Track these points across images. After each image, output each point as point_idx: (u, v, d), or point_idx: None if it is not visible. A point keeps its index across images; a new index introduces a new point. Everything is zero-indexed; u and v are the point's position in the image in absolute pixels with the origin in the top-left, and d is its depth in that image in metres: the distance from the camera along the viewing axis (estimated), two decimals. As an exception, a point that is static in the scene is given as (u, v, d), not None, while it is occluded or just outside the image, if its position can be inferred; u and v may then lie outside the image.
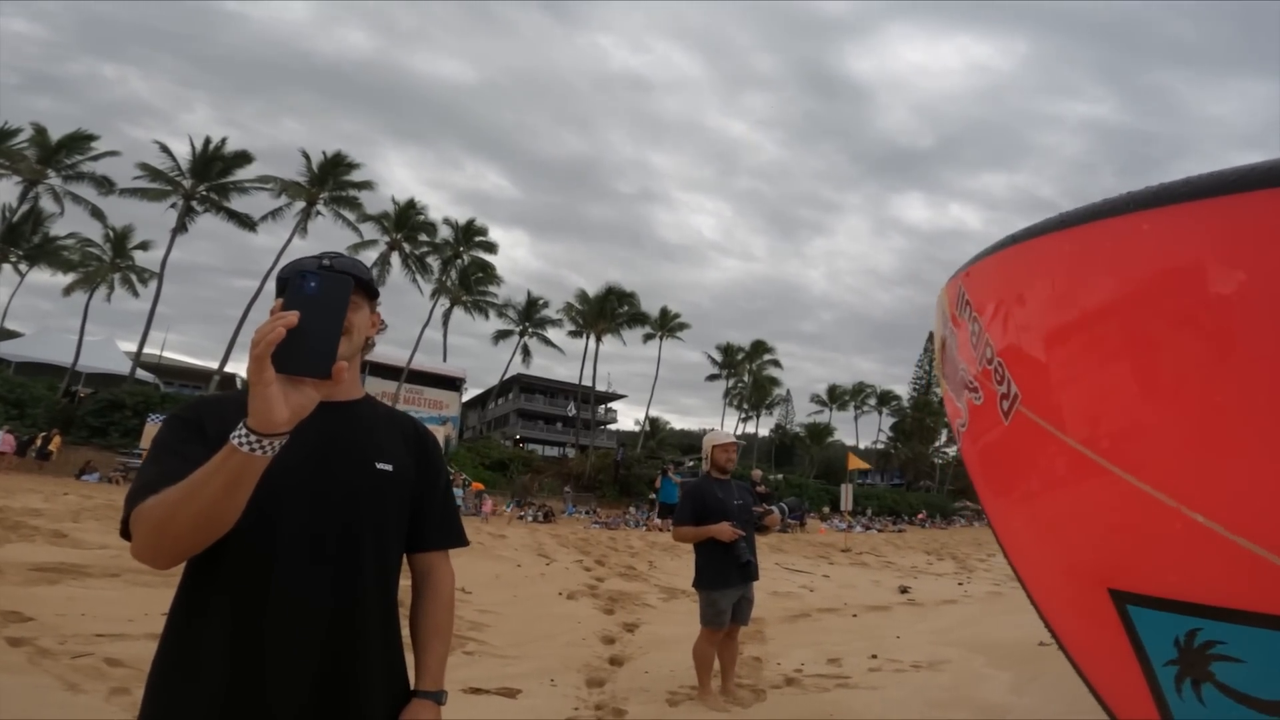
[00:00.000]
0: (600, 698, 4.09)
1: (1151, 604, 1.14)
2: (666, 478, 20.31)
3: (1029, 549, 1.68)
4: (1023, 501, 1.63)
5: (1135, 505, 1.14)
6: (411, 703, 1.33)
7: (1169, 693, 1.11)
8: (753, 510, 4.39)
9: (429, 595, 1.44)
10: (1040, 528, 1.57)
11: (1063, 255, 1.34)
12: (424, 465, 1.44)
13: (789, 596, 8.88)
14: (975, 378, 1.67)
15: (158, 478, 1.08)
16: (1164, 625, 1.12)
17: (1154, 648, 1.14)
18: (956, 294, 1.83)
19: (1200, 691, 1.06)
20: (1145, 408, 1.17)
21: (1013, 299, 1.53)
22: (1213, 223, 1.03)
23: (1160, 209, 1.10)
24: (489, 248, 36.46)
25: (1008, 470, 1.65)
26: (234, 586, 1.16)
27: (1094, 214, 1.23)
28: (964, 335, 1.75)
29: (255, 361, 0.93)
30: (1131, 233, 1.15)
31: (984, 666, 5.21)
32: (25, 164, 26.45)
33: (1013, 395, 1.46)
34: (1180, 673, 1.09)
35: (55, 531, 7.95)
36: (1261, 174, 0.95)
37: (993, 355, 1.55)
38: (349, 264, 1.32)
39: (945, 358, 2.01)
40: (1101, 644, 1.29)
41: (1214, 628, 1.04)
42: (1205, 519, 1.03)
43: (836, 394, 56.44)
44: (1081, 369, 1.30)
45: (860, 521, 30.04)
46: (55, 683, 3.35)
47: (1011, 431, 1.49)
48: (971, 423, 1.75)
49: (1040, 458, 1.42)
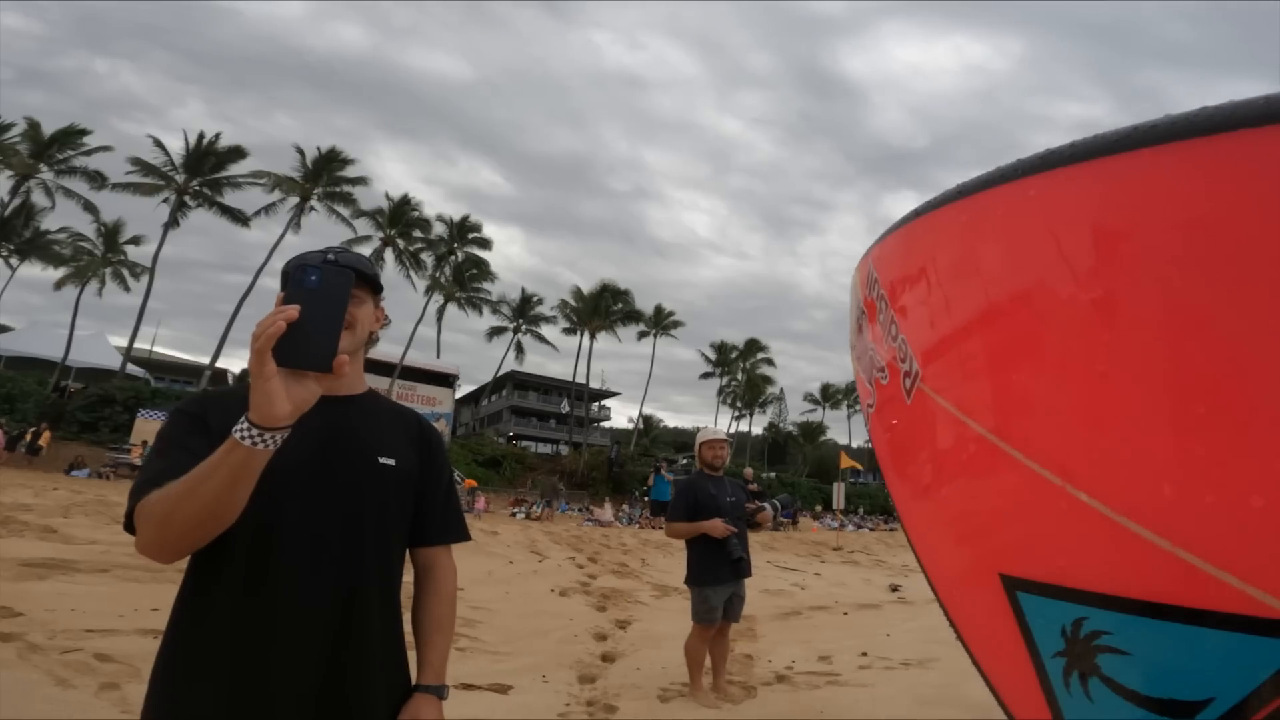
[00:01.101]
0: (592, 694, 4.10)
1: (1040, 590, 1.07)
2: (659, 475, 20.32)
3: (927, 533, 1.60)
4: (920, 482, 1.56)
5: (1023, 483, 1.07)
6: (413, 697, 1.33)
7: (1058, 687, 1.03)
8: (745, 507, 4.41)
9: (431, 590, 1.45)
10: (936, 509, 1.50)
11: (958, 225, 1.28)
12: (427, 460, 1.44)
13: (780, 594, 8.91)
14: (882, 357, 1.62)
15: (161, 471, 1.09)
16: (1052, 613, 1.04)
17: (1043, 638, 1.06)
18: (866, 273, 1.77)
19: (1087, 686, 0.98)
20: (1032, 380, 1.10)
21: (914, 274, 1.47)
22: (1095, 185, 0.98)
23: (1046, 173, 1.04)
24: (483, 244, 36.43)
25: (909, 450, 1.59)
26: (237, 580, 1.17)
27: (987, 182, 1.18)
28: (873, 315, 1.70)
29: (256, 355, 0.94)
30: (1019, 198, 1.10)
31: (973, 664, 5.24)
32: (17, 158, 26.26)
33: (914, 373, 1.41)
34: (1068, 665, 1.02)
35: (45, 527, 7.89)
36: (1142, 135, 0.91)
37: (896, 333, 1.50)
38: (353, 259, 1.33)
39: (857, 339, 1.95)
40: (995, 635, 1.21)
41: (1100, 616, 0.97)
42: (1089, 497, 0.96)
43: (830, 393, 56.56)
44: (974, 343, 1.24)
45: (852, 520, 30.13)
46: (45, 678, 3.34)
47: (913, 410, 1.43)
48: (879, 404, 1.68)
49: (937, 436, 1.36)
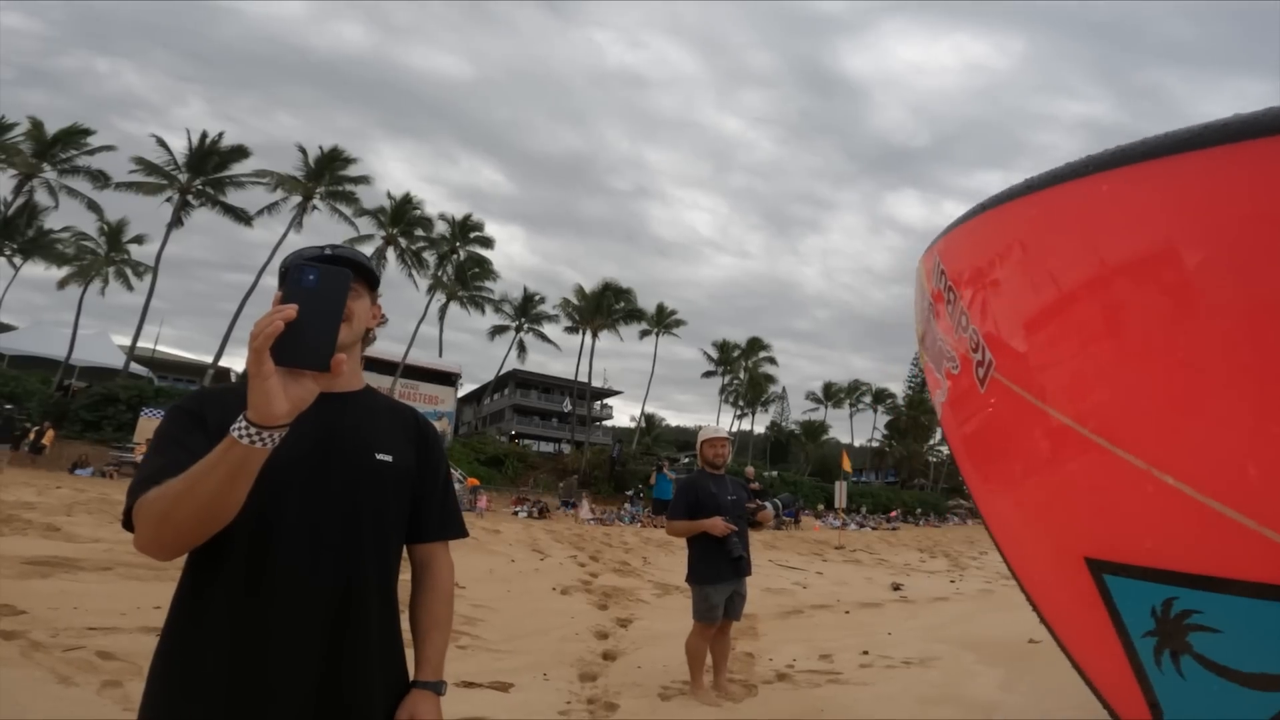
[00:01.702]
0: (593, 692, 4.10)
1: (1128, 572, 1.09)
2: (662, 474, 20.34)
3: (1008, 518, 1.63)
4: (999, 469, 1.59)
5: (1108, 469, 1.10)
6: (411, 693, 1.33)
7: (1149, 665, 1.07)
8: (746, 506, 4.41)
9: (428, 586, 1.45)
10: (1018, 495, 1.53)
11: (1029, 220, 1.32)
12: (424, 456, 1.44)
13: (782, 593, 8.90)
14: (953, 347, 1.64)
15: (160, 469, 1.09)
16: (1141, 594, 1.07)
17: (1132, 619, 1.09)
18: (933, 264, 1.81)
19: (1179, 664, 1.01)
20: (1113, 369, 1.12)
21: (984, 266, 1.51)
22: (1171, 180, 1.01)
23: (1118, 169, 1.08)
24: (485, 243, 36.42)
25: (985, 438, 1.62)
26: (235, 577, 1.17)
27: (1056, 178, 1.21)
28: (941, 305, 1.73)
29: (254, 354, 0.94)
30: (1092, 194, 1.13)
31: (974, 663, 5.24)
32: (20, 158, 26.30)
33: (988, 363, 1.44)
34: (1159, 644, 1.05)
35: (48, 525, 7.92)
36: (1215, 132, 0.93)
37: (967, 323, 1.53)
38: (349, 253, 1.33)
39: (925, 330, 1.98)
40: (1082, 617, 1.24)
41: (1190, 596, 0.99)
42: (1175, 480, 0.99)
43: (832, 391, 56.48)
44: (1051, 333, 1.27)
45: (854, 519, 30.11)
46: (48, 676, 3.35)
47: (987, 399, 1.46)
48: (950, 393, 1.72)
49: (1015, 424, 1.39)
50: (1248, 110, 0.90)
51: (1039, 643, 5.59)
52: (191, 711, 1.13)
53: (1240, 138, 0.91)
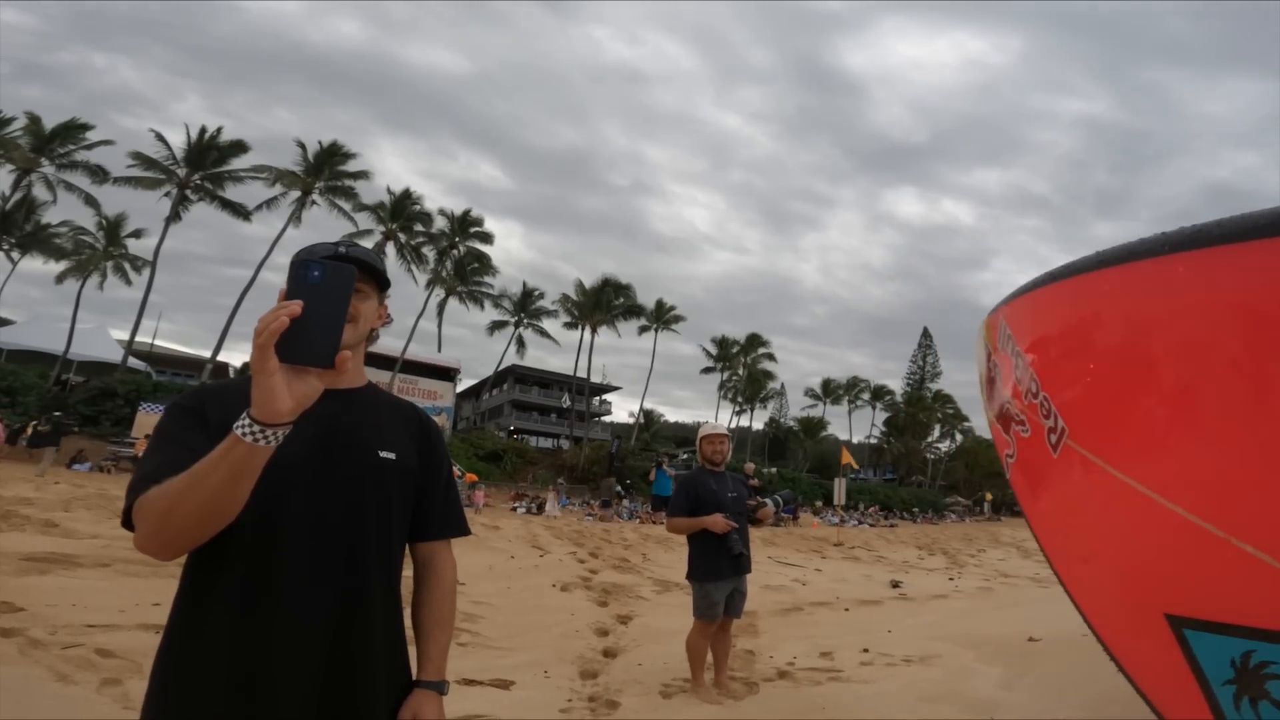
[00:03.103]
0: (594, 689, 4.10)
1: (1208, 628, 1.21)
2: (661, 470, 20.34)
3: (1085, 578, 1.75)
4: (1074, 532, 1.69)
5: (1186, 536, 1.20)
6: (414, 693, 1.33)
7: (1228, 709, 1.19)
8: (746, 503, 4.40)
9: (431, 584, 1.44)
10: (1094, 557, 1.63)
11: (1102, 293, 1.40)
12: (427, 454, 1.44)
13: (781, 590, 8.91)
14: (1021, 410, 1.74)
15: (160, 467, 1.08)
16: (1221, 648, 1.20)
17: (1211, 669, 1.21)
18: (998, 327, 1.90)
19: (1258, 708, 1.14)
20: (1189, 443, 1.23)
21: (1055, 335, 1.60)
22: (1247, 266, 1.09)
23: (1195, 250, 1.16)
24: (485, 238, 36.41)
25: (1059, 502, 1.72)
26: (237, 575, 1.16)
27: (1130, 254, 1.30)
28: (1007, 368, 1.83)
29: (258, 351, 0.93)
30: (1169, 274, 1.21)
31: (974, 661, 5.24)
32: (19, 153, 26.23)
33: (1060, 429, 1.52)
34: (1238, 691, 1.17)
35: (46, 521, 7.90)
36: None
37: (1038, 389, 1.62)
38: (361, 253, 1.32)
39: (990, 390, 2.08)
40: (1161, 666, 1.36)
41: (1267, 649, 1.12)
42: (1254, 549, 1.10)
43: (830, 388, 56.51)
44: (1126, 404, 1.36)
45: (853, 516, 30.16)
46: (46, 674, 3.34)
47: (1060, 464, 1.55)
48: (1020, 455, 1.82)
49: (1090, 490, 1.48)
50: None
51: (1039, 641, 5.60)
52: (196, 714, 1.12)
53: None
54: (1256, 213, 1.06)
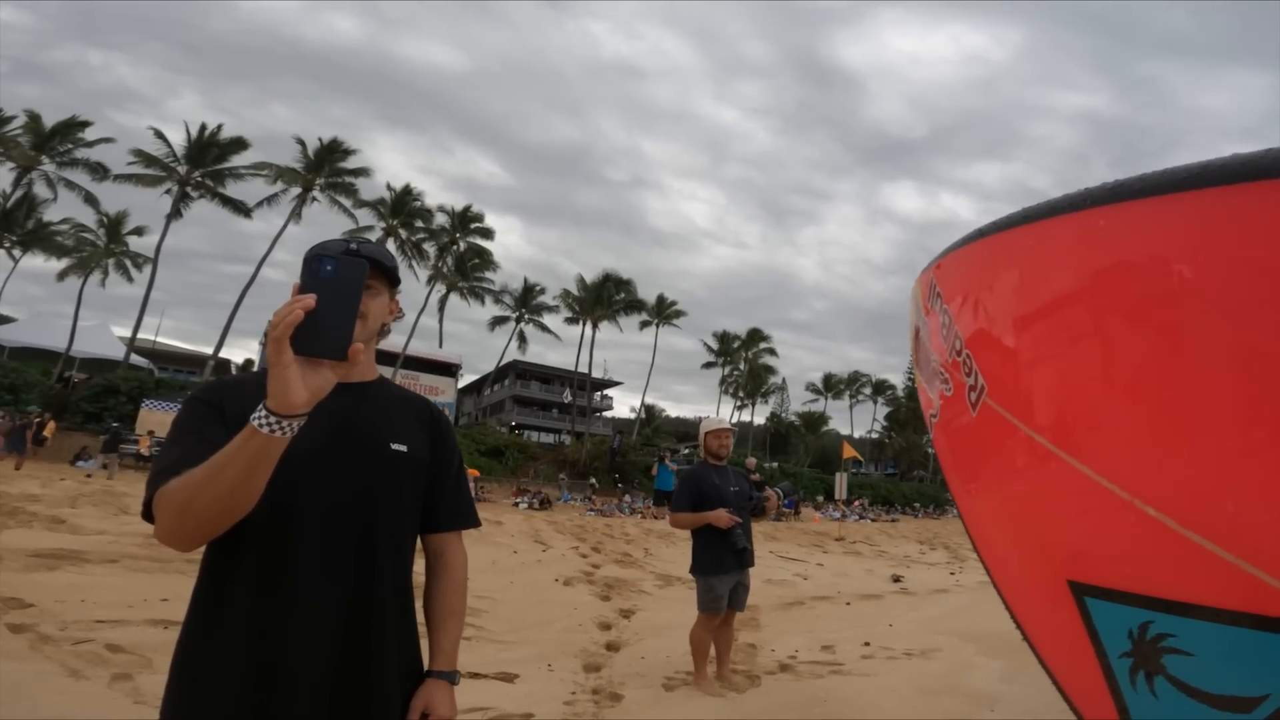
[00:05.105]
0: (597, 683, 4.14)
1: (1108, 596, 1.15)
2: (663, 465, 20.38)
3: (994, 540, 1.69)
4: (988, 492, 1.64)
5: (1092, 498, 1.15)
6: (425, 682, 1.36)
7: (1124, 684, 1.12)
8: (749, 497, 4.43)
9: (442, 576, 1.46)
10: (1005, 519, 1.58)
11: (1026, 249, 1.35)
12: (437, 446, 1.46)
13: (783, 584, 8.95)
14: (945, 368, 1.69)
15: (179, 459, 1.10)
16: (1119, 617, 1.13)
17: (1110, 639, 1.15)
18: (928, 285, 1.85)
19: (1153, 684, 1.07)
20: (1101, 401, 1.18)
21: (980, 291, 1.54)
22: (1165, 219, 1.05)
23: (1116, 205, 1.11)
24: (485, 234, 36.37)
25: (975, 461, 1.67)
26: (254, 566, 1.18)
27: (1054, 209, 1.25)
28: (935, 326, 1.77)
29: (274, 343, 0.95)
30: (1089, 228, 1.17)
31: (975, 655, 5.28)
32: (19, 150, 26.21)
33: (980, 387, 1.48)
34: (1134, 665, 1.11)
35: (53, 517, 7.95)
36: (1213, 172, 0.96)
37: (961, 347, 1.57)
38: (373, 249, 1.33)
39: (918, 348, 2.03)
40: (1062, 635, 1.31)
41: (1165, 620, 1.05)
42: (1157, 512, 1.04)
43: (831, 383, 56.47)
44: (1043, 362, 1.32)
45: (854, 511, 30.19)
46: (57, 669, 3.38)
47: (979, 423, 1.50)
48: (942, 413, 1.76)
49: (1005, 449, 1.44)
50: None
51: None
52: (214, 709, 1.15)
53: (1238, 179, 0.94)
54: (1176, 168, 1.03)
